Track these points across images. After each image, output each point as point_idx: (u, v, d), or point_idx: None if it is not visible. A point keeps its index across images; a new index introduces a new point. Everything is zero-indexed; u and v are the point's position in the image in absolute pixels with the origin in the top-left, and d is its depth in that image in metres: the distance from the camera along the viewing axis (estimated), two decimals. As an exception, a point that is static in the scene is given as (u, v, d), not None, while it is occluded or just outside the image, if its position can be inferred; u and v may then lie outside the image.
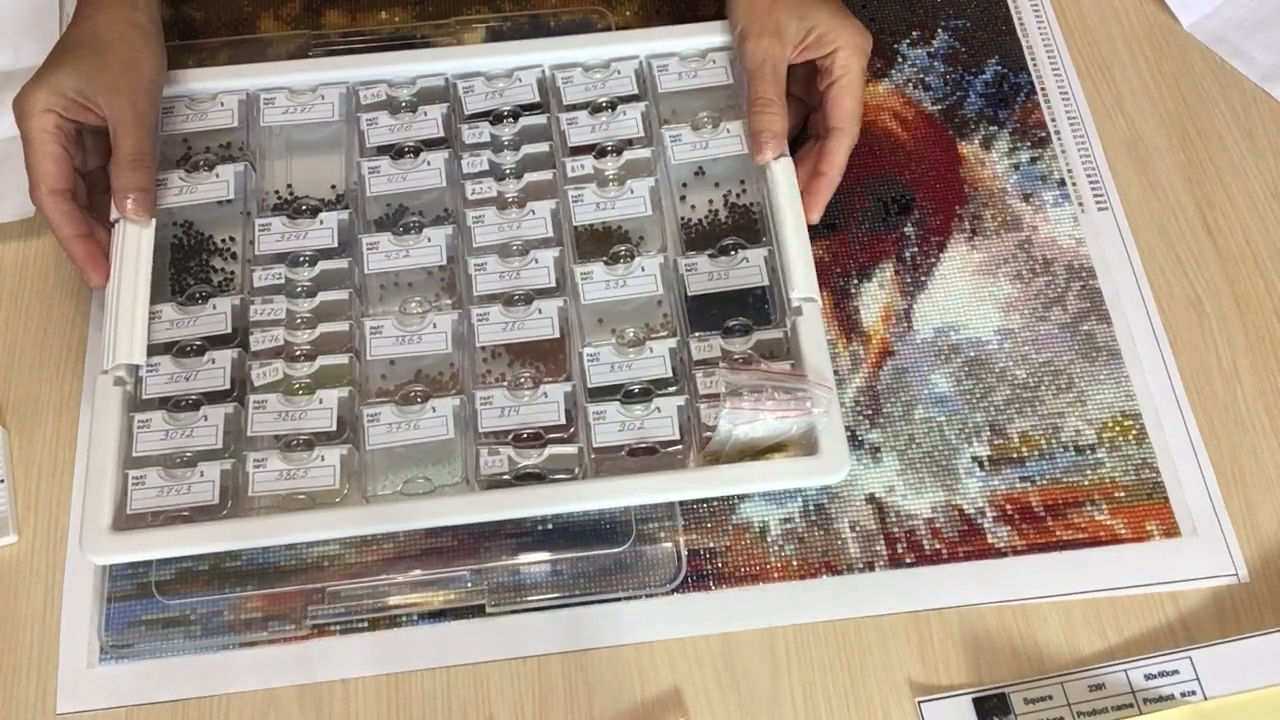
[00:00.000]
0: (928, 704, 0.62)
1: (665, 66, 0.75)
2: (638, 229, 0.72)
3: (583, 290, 0.69)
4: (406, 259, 0.70)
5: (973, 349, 0.71)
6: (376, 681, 0.63)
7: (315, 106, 0.74)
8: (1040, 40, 0.82)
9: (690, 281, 0.69)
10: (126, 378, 0.66)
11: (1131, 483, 0.67)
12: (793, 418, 0.63)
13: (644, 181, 0.72)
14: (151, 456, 0.64)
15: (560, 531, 0.66)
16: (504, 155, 0.73)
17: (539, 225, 0.71)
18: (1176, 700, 0.61)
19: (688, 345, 0.67)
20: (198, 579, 0.65)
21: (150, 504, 0.63)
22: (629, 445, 0.65)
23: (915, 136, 0.78)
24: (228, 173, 0.72)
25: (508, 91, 0.75)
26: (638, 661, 0.63)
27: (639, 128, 0.74)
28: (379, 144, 0.73)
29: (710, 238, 0.72)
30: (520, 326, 0.68)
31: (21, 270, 0.74)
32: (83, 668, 0.63)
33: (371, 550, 0.65)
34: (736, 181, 0.74)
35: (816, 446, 0.63)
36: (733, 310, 0.69)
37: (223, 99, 0.74)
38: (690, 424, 0.65)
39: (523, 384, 0.66)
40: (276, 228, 0.71)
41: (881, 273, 0.73)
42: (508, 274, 0.69)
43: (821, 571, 0.65)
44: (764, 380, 0.63)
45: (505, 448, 0.64)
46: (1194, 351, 0.71)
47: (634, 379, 0.66)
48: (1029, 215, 0.75)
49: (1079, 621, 0.64)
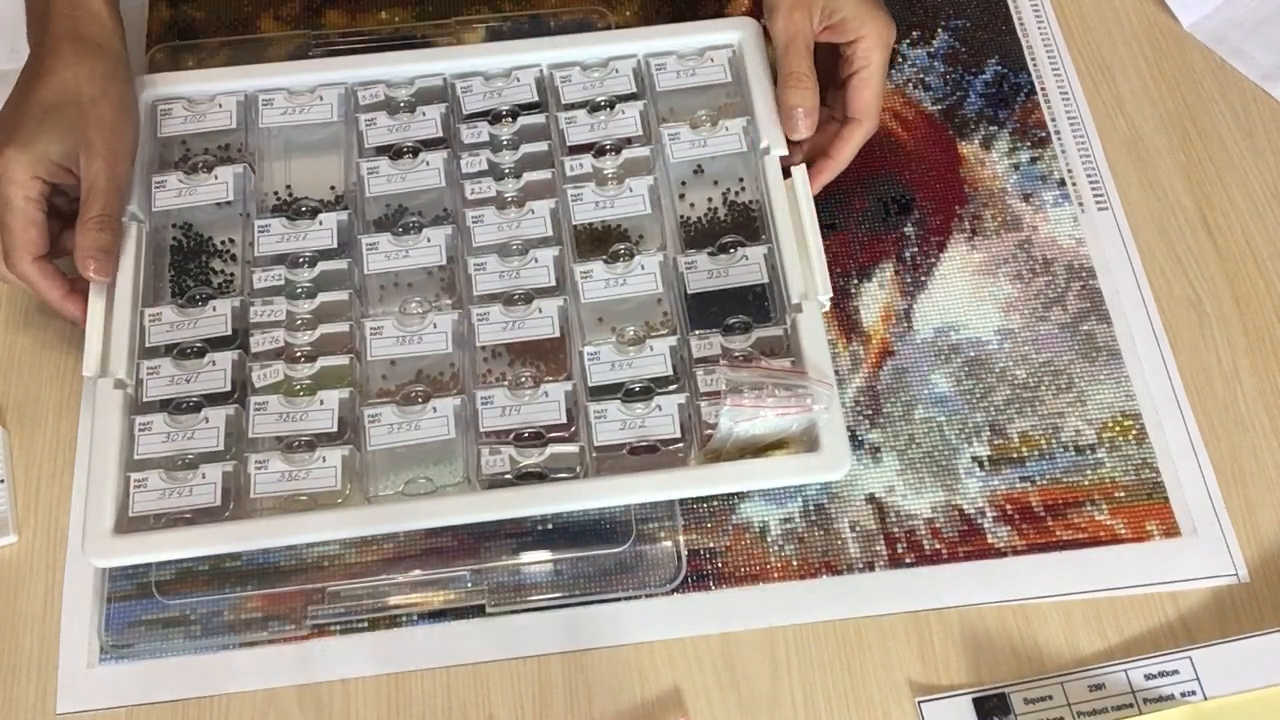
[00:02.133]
0: (928, 704, 0.62)
1: (663, 65, 0.75)
2: (637, 227, 0.72)
3: (582, 289, 0.69)
4: (406, 259, 0.70)
5: (973, 349, 0.71)
6: (376, 681, 0.63)
7: (314, 107, 0.74)
8: (1040, 40, 0.82)
9: (690, 279, 0.69)
10: (127, 380, 0.66)
11: (1131, 483, 0.67)
12: (793, 414, 0.63)
13: (643, 180, 0.72)
14: (153, 459, 0.64)
15: (560, 531, 0.66)
16: (503, 155, 0.73)
17: (538, 224, 0.71)
18: (1176, 700, 0.61)
19: (688, 343, 0.67)
20: (198, 579, 0.65)
21: (152, 506, 0.63)
22: (630, 444, 0.65)
23: (915, 136, 0.78)
24: (227, 174, 0.72)
25: (506, 91, 0.75)
26: (638, 661, 0.63)
27: (637, 126, 0.74)
28: (378, 144, 0.73)
29: (709, 236, 0.72)
30: (520, 326, 0.68)
31: (21, 270, 0.74)
32: (83, 668, 0.63)
33: (372, 550, 0.65)
34: (735, 179, 0.74)
35: (818, 443, 0.63)
36: (733, 308, 0.69)
37: (221, 100, 0.74)
38: (691, 422, 0.65)
39: (523, 383, 0.66)
40: (276, 229, 0.71)
41: (881, 273, 0.73)
42: (507, 273, 0.69)
43: (821, 571, 0.65)
44: (764, 377, 0.63)
45: (506, 447, 0.64)
46: (1194, 351, 0.71)
47: (634, 377, 0.66)
48: (1029, 215, 0.75)
49: (1079, 621, 0.64)
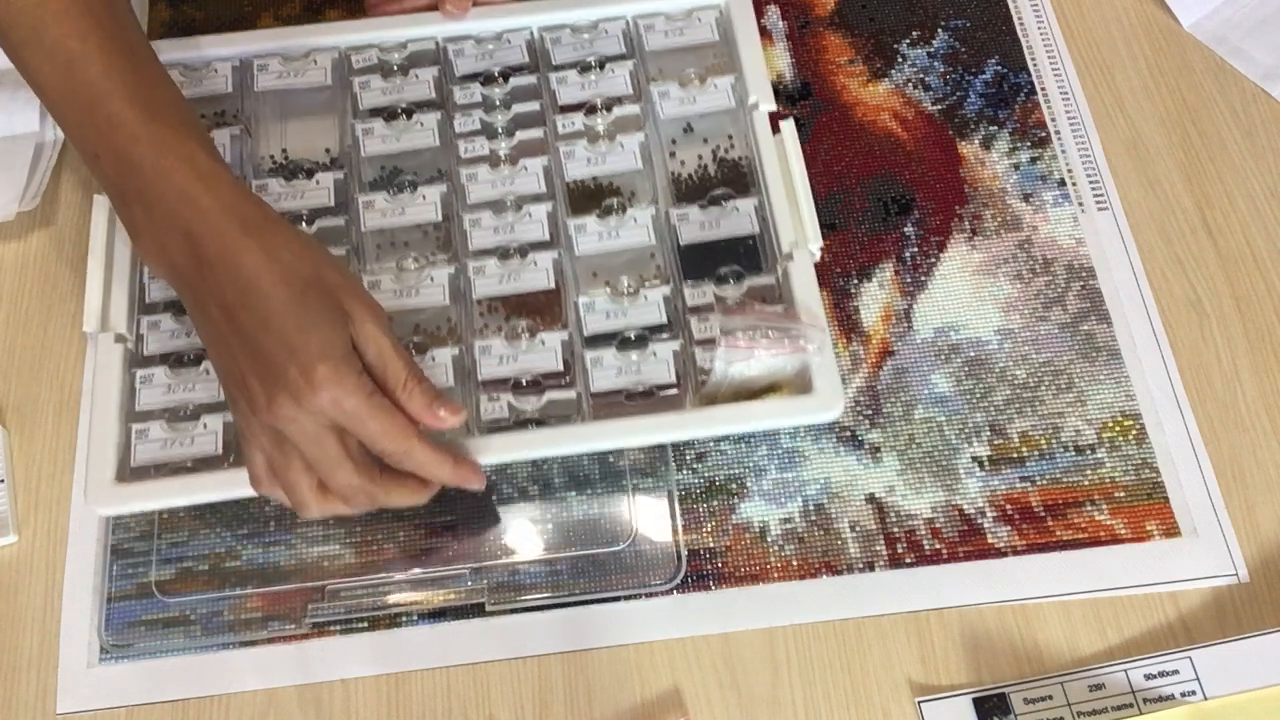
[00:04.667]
0: (928, 704, 0.62)
1: (652, 26, 0.76)
2: (628, 184, 0.73)
3: (576, 243, 0.70)
4: (402, 216, 0.71)
5: (973, 349, 0.71)
6: (376, 681, 0.63)
7: (308, 71, 0.75)
8: (1040, 40, 0.82)
9: (682, 231, 0.70)
10: (127, 335, 0.66)
11: (1131, 483, 0.67)
12: (786, 355, 0.63)
13: (634, 137, 0.73)
14: (154, 410, 0.65)
15: (560, 529, 0.66)
16: (495, 114, 0.74)
17: (531, 181, 0.72)
18: (1176, 700, 0.61)
19: (681, 293, 0.68)
20: (198, 578, 0.65)
21: (154, 456, 0.64)
22: (626, 389, 0.65)
23: (915, 136, 0.78)
24: (223, 137, 0.73)
25: (497, 53, 0.76)
26: (638, 661, 0.63)
27: (628, 85, 0.75)
28: (372, 106, 0.74)
29: (700, 192, 0.72)
30: (516, 279, 0.68)
31: (21, 270, 0.74)
32: (83, 668, 0.63)
33: (371, 550, 0.65)
34: (725, 136, 0.75)
35: (811, 385, 0.64)
36: (724, 259, 0.70)
37: (216, 66, 0.75)
38: (686, 368, 0.66)
39: (520, 334, 0.67)
40: (273, 189, 0.72)
41: (881, 273, 0.74)
42: (502, 228, 0.70)
43: (821, 571, 0.65)
44: (758, 321, 0.64)
45: (505, 394, 0.65)
46: (1194, 351, 0.71)
47: (629, 325, 0.67)
48: (1029, 215, 0.75)
49: (1079, 621, 0.64)
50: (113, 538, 0.66)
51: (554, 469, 0.67)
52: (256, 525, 0.66)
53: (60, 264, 0.74)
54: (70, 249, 0.74)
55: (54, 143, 0.77)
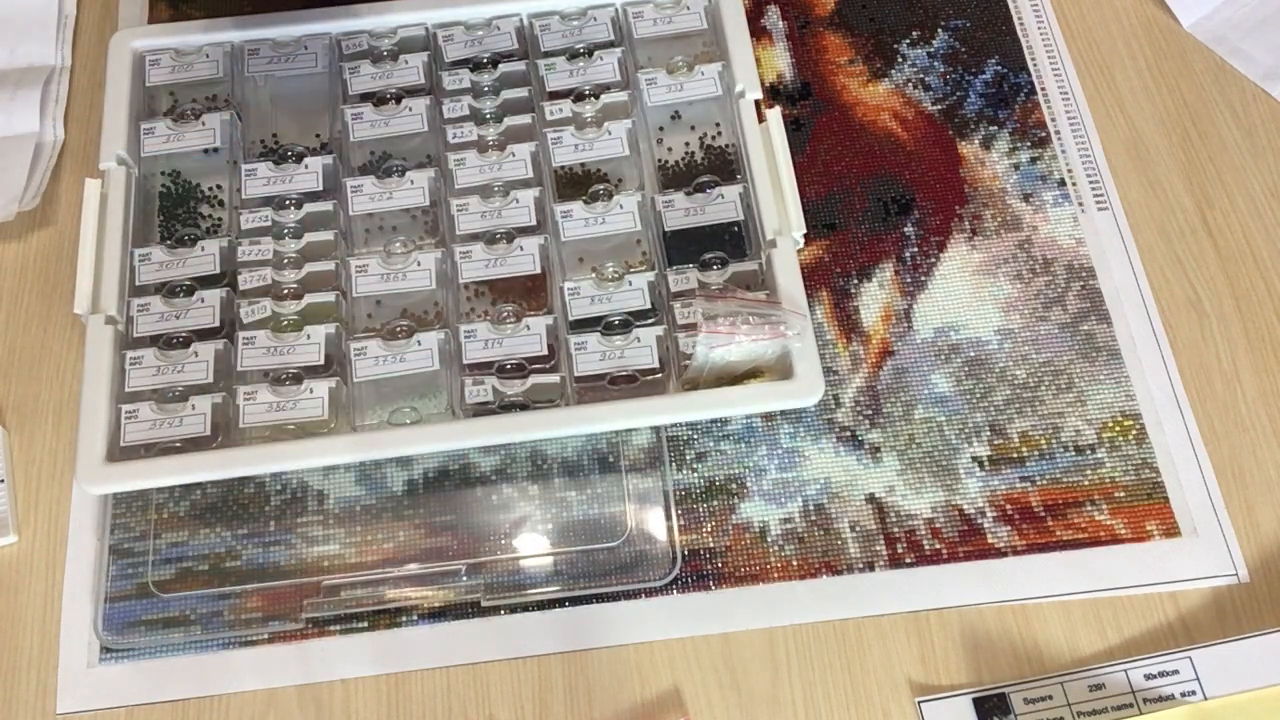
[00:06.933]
0: (928, 704, 0.62)
1: (640, 14, 0.77)
2: (615, 170, 0.73)
3: (562, 228, 0.70)
4: (390, 201, 0.71)
5: (973, 349, 0.71)
6: (376, 681, 0.63)
7: (299, 57, 0.76)
8: (1040, 40, 0.82)
9: (667, 217, 0.70)
10: (117, 317, 0.67)
11: (1131, 483, 0.67)
12: (767, 341, 0.64)
13: (621, 124, 0.73)
14: (144, 392, 0.66)
15: (556, 526, 0.66)
16: (484, 100, 0.74)
17: (519, 167, 0.72)
18: (1176, 700, 0.61)
19: (665, 279, 0.69)
20: (197, 578, 0.65)
21: (143, 436, 0.64)
22: (610, 374, 0.66)
23: (915, 136, 0.78)
24: (214, 121, 0.73)
25: (487, 40, 0.77)
26: (638, 661, 0.63)
27: (616, 73, 0.75)
28: (362, 91, 0.75)
29: (686, 179, 0.73)
30: (502, 263, 0.69)
31: (21, 270, 0.74)
32: (83, 668, 0.63)
33: (371, 549, 0.65)
34: (712, 124, 0.75)
35: (792, 371, 0.64)
36: (709, 245, 0.70)
37: (208, 51, 0.76)
38: (669, 354, 0.66)
39: (505, 319, 0.67)
40: (263, 173, 0.72)
41: (881, 273, 0.74)
42: (489, 214, 0.70)
43: (821, 571, 0.65)
44: (739, 306, 0.65)
45: (489, 378, 0.65)
46: (1194, 351, 0.71)
47: (613, 311, 0.67)
48: (1029, 215, 0.75)
49: (1079, 621, 0.64)
50: (112, 538, 0.66)
51: (553, 467, 0.67)
52: (256, 525, 0.66)
53: (60, 264, 0.74)
54: (70, 249, 0.74)
55: (54, 143, 0.77)
